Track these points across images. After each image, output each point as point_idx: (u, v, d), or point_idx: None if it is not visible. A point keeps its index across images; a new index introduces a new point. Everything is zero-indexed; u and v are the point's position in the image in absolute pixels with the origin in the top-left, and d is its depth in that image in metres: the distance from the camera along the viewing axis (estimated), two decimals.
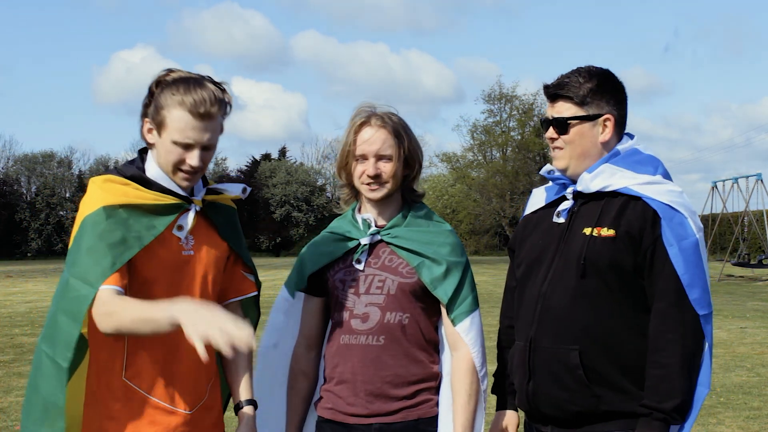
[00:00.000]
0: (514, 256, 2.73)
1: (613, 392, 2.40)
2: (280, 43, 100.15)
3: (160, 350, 2.38)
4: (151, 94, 2.40)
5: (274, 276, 23.56)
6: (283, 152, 63.60)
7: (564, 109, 2.54)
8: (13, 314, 16.27)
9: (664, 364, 2.35)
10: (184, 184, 2.42)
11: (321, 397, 2.75)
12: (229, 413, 2.61)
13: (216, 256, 2.51)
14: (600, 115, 2.52)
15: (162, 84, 2.38)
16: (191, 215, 2.45)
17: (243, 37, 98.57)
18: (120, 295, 2.25)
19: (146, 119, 2.41)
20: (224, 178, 59.00)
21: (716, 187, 28.80)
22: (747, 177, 27.50)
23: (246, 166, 62.29)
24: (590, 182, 2.51)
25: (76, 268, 2.27)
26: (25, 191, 58.86)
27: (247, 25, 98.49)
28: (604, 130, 2.53)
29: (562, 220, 2.56)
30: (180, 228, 2.43)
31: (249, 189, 2.62)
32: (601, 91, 2.52)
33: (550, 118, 2.56)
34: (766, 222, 27.29)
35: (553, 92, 2.55)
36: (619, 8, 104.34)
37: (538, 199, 2.74)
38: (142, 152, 2.49)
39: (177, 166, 2.38)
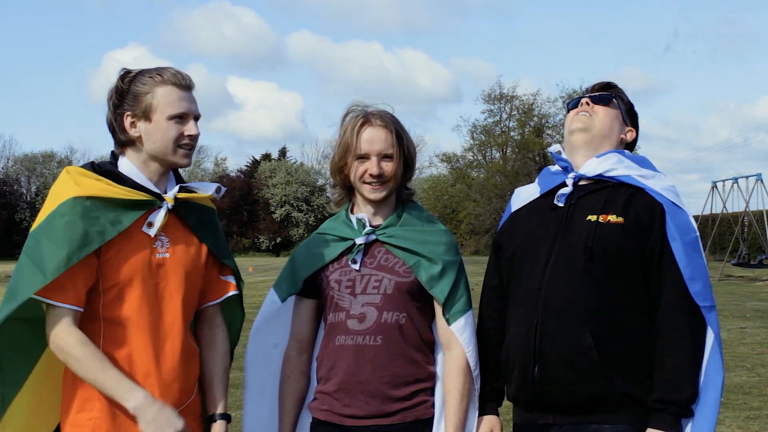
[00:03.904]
0: (502, 250, 2.72)
1: (622, 375, 2.42)
2: (274, 41, 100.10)
3: (144, 349, 2.37)
4: (120, 91, 2.40)
5: (274, 276, 23.54)
6: (283, 152, 63.59)
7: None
8: None
9: (675, 356, 2.39)
10: (185, 161, 2.44)
11: (315, 399, 2.73)
12: (234, 413, 2.61)
13: (193, 258, 2.49)
14: (627, 125, 2.73)
15: (128, 78, 2.40)
16: (162, 212, 2.42)
17: (236, 36, 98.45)
18: (86, 344, 2.27)
19: (126, 114, 2.40)
20: (224, 178, 58.97)
21: (716, 187, 28.79)
22: (747, 177, 27.49)
23: (246, 166, 62.30)
24: (597, 165, 2.59)
25: (34, 253, 2.28)
26: (25, 191, 58.86)
27: (240, 23, 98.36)
28: (626, 135, 2.72)
29: (561, 203, 2.58)
30: (150, 225, 2.40)
31: (224, 189, 2.60)
32: (634, 113, 2.77)
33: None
34: (766, 222, 27.29)
35: (607, 83, 2.75)
36: (615, 8, 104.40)
37: (524, 195, 2.77)
38: (113, 156, 2.48)
39: (177, 142, 2.40)
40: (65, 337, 2.26)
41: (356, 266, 2.66)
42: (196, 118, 2.44)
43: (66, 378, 2.39)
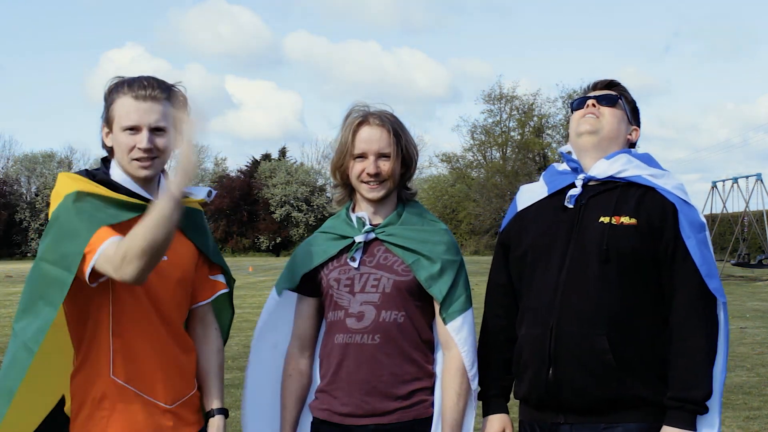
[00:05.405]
0: (510, 249, 2.71)
1: (636, 378, 2.43)
2: (271, 41, 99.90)
3: (147, 346, 2.42)
4: (104, 101, 2.47)
5: (274, 276, 23.54)
6: (283, 152, 63.58)
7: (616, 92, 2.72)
8: (13, 314, 16.27)
9: (690, 354, 2.41)
10: (142, 173, 2.42)
11: (316, 398, 2.73)
12: (234, 413, 2.61)
13: (188, 259, 2.55)
14: (632, 124, 2.72)
15: (107, 89, 2.47)
16: None
17: (233, 35, 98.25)
18: (123, 237, 2.25)
19: (104, 125, 2.47)
20: (224, 178, 59.00)
21: (716, 187, 28.80)
22: (747, 177, 27.51)
23: (246, 166, 62.27)
24: (608, 167, 2.58)
25: (62, 233, 2.29)
26: (25, 191, 58.86)
27: (237, 22, 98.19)
28: (631, 135, 2.70)
29: (570, 205, 2.58)
30: None
31: (215, 192, 2.63)
32: (637, 111, 2.76)
33: (598, 95, 2.69)
34: (766, 222, 27.30)
35: (610, 81, 2.74)
36: (614, 7, 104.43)
37: (530, 194, 2.75)
38: (105, 162, 2.53)
39: (130, 154, 2.41)
40: (119, 244, 2.23)
41: (355, 264, 2.66)
42: (156, 129, 2.40)
43: (77, 378, 2.42)
